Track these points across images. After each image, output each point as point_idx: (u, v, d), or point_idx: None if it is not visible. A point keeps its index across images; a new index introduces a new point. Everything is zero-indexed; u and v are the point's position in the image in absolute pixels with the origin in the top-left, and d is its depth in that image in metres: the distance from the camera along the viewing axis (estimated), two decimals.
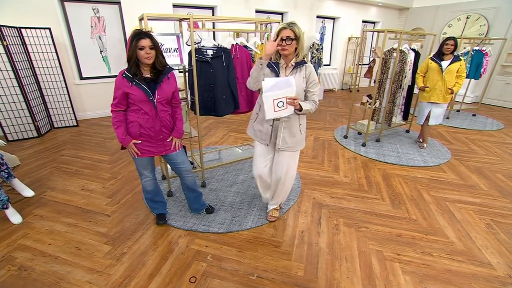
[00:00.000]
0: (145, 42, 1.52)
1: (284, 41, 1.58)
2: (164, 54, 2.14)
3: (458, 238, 2.02)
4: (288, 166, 1.93)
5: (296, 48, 1.63)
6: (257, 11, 5.95)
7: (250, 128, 1.98)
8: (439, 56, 3.30)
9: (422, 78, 3.50)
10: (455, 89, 3.30)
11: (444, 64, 3.25)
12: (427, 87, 3.37)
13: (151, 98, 1.63)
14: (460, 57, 3.25)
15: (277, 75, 1.67)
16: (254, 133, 1.94)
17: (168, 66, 1.71)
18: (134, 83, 1.59)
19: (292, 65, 1.67)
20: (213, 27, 5.22)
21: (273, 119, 1.77)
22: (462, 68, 3.23)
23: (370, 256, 1.85)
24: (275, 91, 1.54)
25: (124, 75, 1.58)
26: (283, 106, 1.58)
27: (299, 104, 1.61)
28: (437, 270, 1.74)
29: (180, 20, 2.28)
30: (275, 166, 1.96)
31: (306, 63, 1.69)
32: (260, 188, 2.21)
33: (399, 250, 1.91)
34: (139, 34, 1.53)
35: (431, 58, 3.36)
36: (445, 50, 3.21)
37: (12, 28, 3.62)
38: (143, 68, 1.62)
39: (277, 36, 1.60)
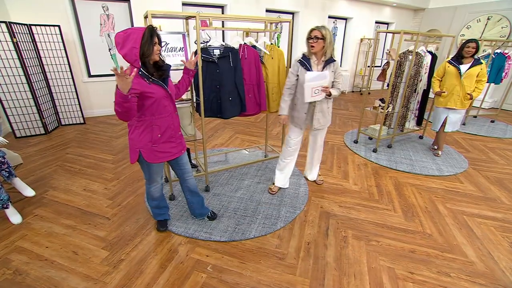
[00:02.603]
0: (156, 38, 1.50)
1: (312, 40, 1.97)
2: (169, 54, 2.10)
3: (479, 258, 1.87)
4: (322, 139, 2.51)
5: (323, 47, 1.99)
6: (267, 11, 5.84)
7: (285, 109, 2.32)
8: (457, 59, 3.11)
9: (439, 83, 3.32)
10: (474, 95, 3.10)
11: (463, 68, 3.06)
12: (444, 92, 3.19)
13: (169, 93, 1.61)
14: (481, 61, 3.05)
15: (309, 70, 2.07)
16: (292, 119, 2.36)
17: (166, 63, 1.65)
18: (151, 80, 1.52)
19: (323, 61, 2.08)
20: (223, 26, 5.14)
21: (309, 106, 2.21)
22: (482, 72, 3.03)
23: (381, 274, 1.72)
24: (314, 82, 1.99)
25: (140, 73, 1.49)
26: (318, 92, 2.06)
27: (330, 91, 2.08)
28: None
29: (186, 18, 2.19)
30: (313, 143, 2.56)
31: (335, 60, 2.09)
32: (285, 164, 2.54)
33: (413, 268, 1.77)
34: (153, 30, 1.48)
35: (449, 62, 3.17)
36: (465, 53, 3.02)
37: (22, 25, 3.63)
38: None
39: (308, 35, 2.00)
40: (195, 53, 2.00)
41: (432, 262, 1.82)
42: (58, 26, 3.92)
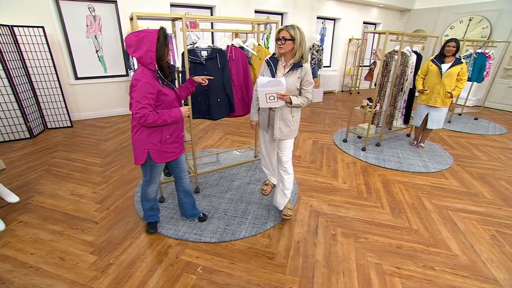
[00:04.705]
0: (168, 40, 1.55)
1: (280, 41, 1.80)
2: None
3: (462, 251, 1.93)
4: (287, 157, 2.12)
5: (293, 48, 1.81)
6: (257, 12, 5.86)
7: (255, 115, 2.20)
8: (440, 58, 3.21)
9: (422, 80, 3.42)
10: (454, 93, 3.20)
11: (444, 67, 3.16)
12: (426, 90, 3.29)
13: (178, 95, 1.72)
14: (462, 60, 3.16)
15: (273, 73, 1.90)
16: (258, 121, 2.20)
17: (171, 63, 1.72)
18: (165, 83, 1.58)
19: (290, 65, 1.87)
20: (212, 28, 5.13)
21: (269, 111, 2.02)
22: (463, 71, 3.14)
23: (369, 270, 1.76)
24: (267, 88, 1.79)
25: (158, 75, 1.54)
26: (274, 99, 1.83)
27: (290, 98, 1.84)
28: (439, 286, 1.65)
29: (173, 19, 2.19)
30: (279, 151, 2.16)
31: (302, 65, 1.86)
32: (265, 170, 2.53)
33: (400, 263, 1.82)
34: (166, 32, 1.52)
35: (432, 60, 3.27)
36: (446, 52, 3.13)
37: (4, 27, 3.53)
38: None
39: (277, 36, 1.83)
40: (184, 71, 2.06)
41: (418, 257, 1.87)
42: (42, 27, 3.83)
